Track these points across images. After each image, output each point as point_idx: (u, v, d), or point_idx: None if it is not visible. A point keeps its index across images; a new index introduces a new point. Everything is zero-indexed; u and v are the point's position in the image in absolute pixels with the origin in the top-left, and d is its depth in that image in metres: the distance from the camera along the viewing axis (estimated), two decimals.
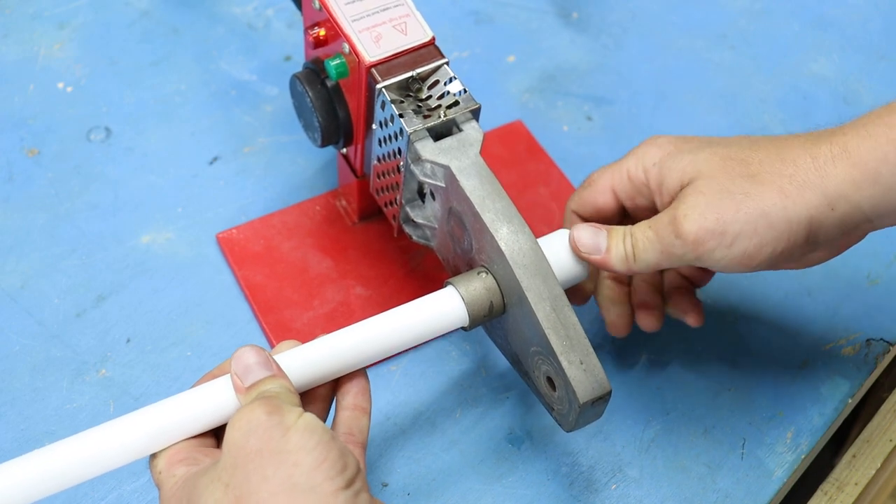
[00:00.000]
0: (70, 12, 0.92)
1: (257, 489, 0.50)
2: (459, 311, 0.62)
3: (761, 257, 0.60)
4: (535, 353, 0.61)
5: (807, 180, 0.59)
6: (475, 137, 0.64)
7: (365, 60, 0.65)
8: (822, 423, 0.72)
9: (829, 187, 0.58)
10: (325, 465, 0.51)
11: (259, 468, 0.51)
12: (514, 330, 0.63)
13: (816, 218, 0.59)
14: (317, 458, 0.51)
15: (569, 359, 0.59)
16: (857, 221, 0.60)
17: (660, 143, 0.65)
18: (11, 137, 0.83)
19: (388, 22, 0.66)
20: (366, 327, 0.60)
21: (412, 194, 0.68)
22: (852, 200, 0.58)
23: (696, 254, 0.60)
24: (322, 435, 0.52)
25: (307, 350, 0.59)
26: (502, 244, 0.60)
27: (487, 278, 0.62)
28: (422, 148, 0.64)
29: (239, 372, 0.56)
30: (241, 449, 0.51)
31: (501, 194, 0.62)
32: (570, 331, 0.59)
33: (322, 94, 0.70)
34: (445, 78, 0.66)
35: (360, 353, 0.60)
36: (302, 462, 0.50)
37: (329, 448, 0.51)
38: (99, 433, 0.56)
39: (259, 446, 0.51)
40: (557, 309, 0.59)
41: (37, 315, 0.74)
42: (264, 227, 0.79)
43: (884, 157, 0.57)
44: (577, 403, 0.58)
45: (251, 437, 0.51)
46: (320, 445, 0.51)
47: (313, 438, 0.51)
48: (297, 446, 0.51)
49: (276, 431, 0.51)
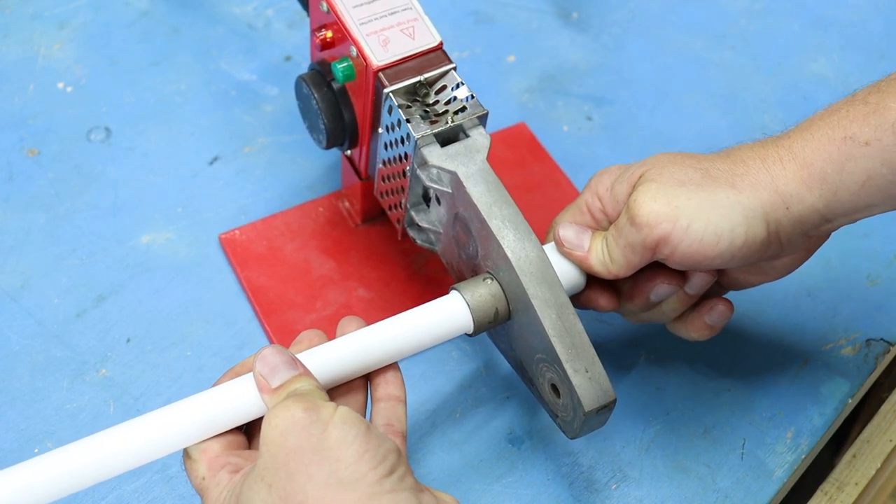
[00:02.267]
0: (70, 12, 0.92)
1: (303, 488, 0.51)
2: (464, 318, 0.62)
3: (720, 247, 0.59)
4: (539, 360, 0.61)
5: (757, 179, 0.59)
6: (482, 143, 0.64)
7: (373, 64, 0.65)
8: (822, 423, 0.72)
9: (780, 186, 0.59)
10: (366, 455, 0.51)
11: (302, 466, 0.51)
12: (519, 337, 0.62)
13: (773, 216, 0.59)
14: (358, 450, 0.51)
15: (574, 367, 0.58)
16: (816, 222, 0.60)
17: (610, 170, 0.66)
18: (11, 137, 0.83)
19: (397, 26, 0.66)
20: (371, 333, 0.60)
21: (417, 198, 0.68)
22: (806, 201, 0.59)
23: (652, 239, 0.60)
24: (359, 426, 0.52)
25: (323, 351, 0.59)
26: (508, 251, 0.60)
27: (493, 285, 0.62)
28: (428, 153, 0.64)
29: (265, 373, 0.56)
30: (281, 448, 0.52)
31: (508, 201, 0.62)
32: (575, 339, 0.59)
33: (328, 96, 0.69)
34: (453, 83, 0.66)
35: (365, 359, 0.60)
36: (344, 456, 0.51)
37: (368, 438, 0.52)
38: (126, 430, 0.56)
39: (299, 444, 0.51)
40: (563, 317, 0.59)
41: (37, 315, 0.74)
42: (267, 228, 0.79)
43: (828, 157, 0.58)
44: (581, 411, 0.58)
45: (290, 436, 0.52)
46: (359, 437, 0.52)
47: (352, 431, 0.52)
48: (337, 441, 0.51)
49: (315, 428, 0.52)
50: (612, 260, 0.63)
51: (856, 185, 0.58)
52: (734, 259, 0.60)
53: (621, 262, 0.62)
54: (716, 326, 0.67)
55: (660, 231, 0.60)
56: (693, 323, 0.67)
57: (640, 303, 0.67)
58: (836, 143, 0.58)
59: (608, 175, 0.66)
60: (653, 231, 0.60)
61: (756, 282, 0.66)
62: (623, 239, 0.62)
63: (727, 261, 0.60)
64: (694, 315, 0.67)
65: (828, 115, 0.59)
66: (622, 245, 0.62)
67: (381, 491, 0.51)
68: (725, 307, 0.67)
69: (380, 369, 0.61)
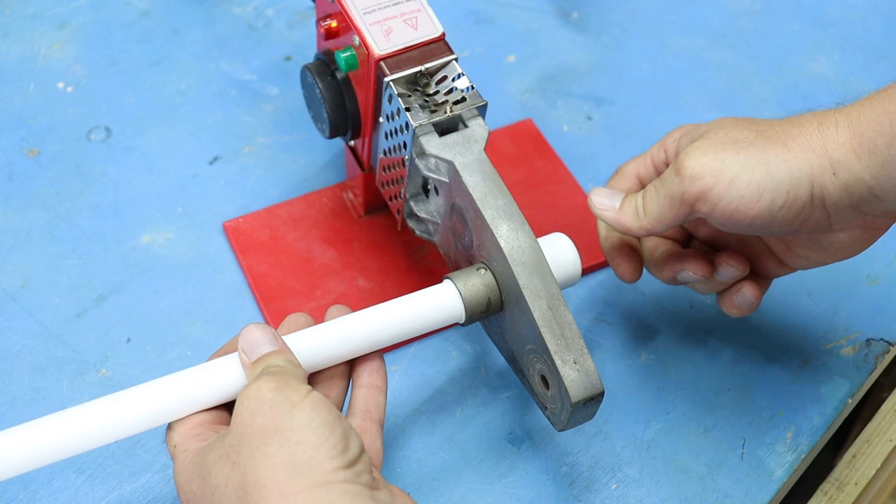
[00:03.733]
0: (70, 12, 0.92)
1: (260, 466, 0.51)
2: (456, 307, 0.62)
3: (761, 205, 0.59)
4: (530, 351, 0.61)
5: (809, 141, 0.59)
6: (480, 134, 0.64)
7: (374, 53, 0.65)
8: (822, 422, 0.72)
9: (831, 151, 0.58)
10: (326, 444, 0.51)
11: (263, 445, 0.51)
12: (511, 327, 0.63)
13: (819, 180, 0.58)
14: (321, 436, 0.51)
15: (563, 358, 0.58)
16: (864, 194, 0.59)
17: (683, 127, 0.67)
18: (12, 137, 0.84)
19: (400, 16, 0.67)
20: (359, 318, 0.61)
21: (417, 189, 0.68)
22: (853, 170, 0.58)
23: (693, 192, 0.60)
24: (328, 414, 0.52)
25: (307, 335, 0.60)
26: (502, 241, 0.60)
27: (486, 275, 0.62)
28: (426, 142, 0.64)
29: (245, 347, 0.57)
30: (248, 426, 0.52)
31: (503, 191, 0.62)
32: (565, 330, 0.59)
33: (332, 85, 0.70)
34: (454, 74, 0.66)
35: (351, 343, 0.60)
36: (305, 440, 0.51)
37: (333, 428, 0.52)
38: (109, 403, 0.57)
39: (264, 423, 0.52)
40: (553, 308, 0.59)
41: (37, 315, 0.74)
42: (270, 217, 0.79)
43: (880, 129, 0.57)
44: (569, 403, 0.58)
45: (258, 415, 0.52)
46: (325, 426, 0.52)
47: (318, 418, 0.52)
48: (301, 424, 0.51)
49: (283, 409, 0.52)
50: (647, 212, 0.63)
51: None
52: (774, 222, 0.60)
53: (655, 213, 0.63)
54: (743, 308, 0.68)
55: (702, 185, 0.59)
56: (724, 301, 0.68)
57: (666, 277, 0.68)
58: (890, 115, 0.57)
59: (679, 130, 0.66)
60: (695, 183, 0.60)
61: (818, 259, 0.65)
62: (665, 189, 0.62)
63: (766, 222, 0.60)
64: (726, 294, 0.68)
65: (892, 89, 0.58)
66: (662, 195, 0.62)
67: (335, 480, 0.51)
68: (751, 291, 0.67)
69: (363, 358, 0.61)
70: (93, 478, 0.67)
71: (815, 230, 0.62)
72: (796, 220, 0.60)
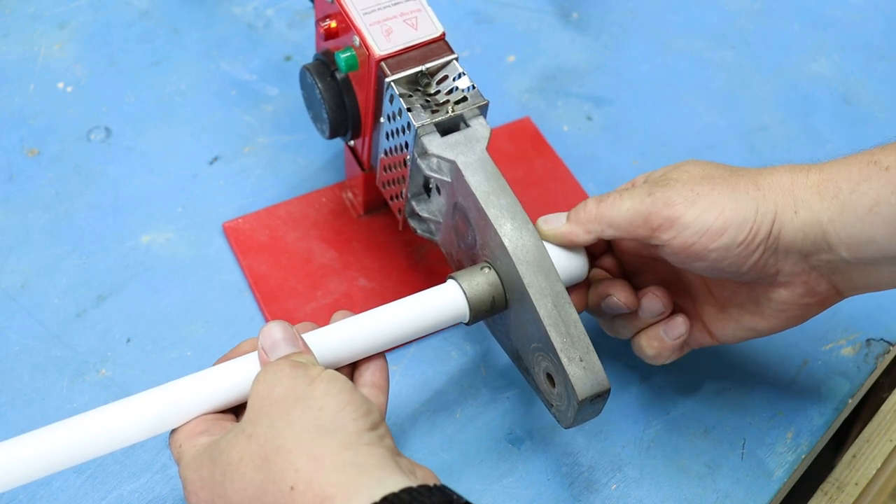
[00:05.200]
0: (70, 12, 0.92)
1: (282, 433, 0.51)
2: (461, 306, 0.62)
3: (723, 240, 0.59)
4: (535, 349, 0.61)
5: (779, 182, 0.60)
6: (482, 133, 0.64)
7: (375, 54, 0.65)
8: (822, 422, 0.72)
9: (797, 190, 0.60)
10: (349, 407, 0.52)
11: (284, 413, 0.52)
12: (516, 326, 0.63)
13: (780, 217, 0.60)
14: (341, 401, 0.52)
15: (569, 356, 0.59)
16: (817, 240, 0.60)
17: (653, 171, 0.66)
18: (12, 137, 0.83)
19: (400, 16, 0.67)
20: (366, 319, 0.61)
21: (418, 188, 0.68)
22: (814, 209, 0.59)
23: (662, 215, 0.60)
24: (345, 384, 0.53)
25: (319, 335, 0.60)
26: (506, 240, 0.61)
27: (490, 273, 0.62)
28: (428, 142, 0.64)
29: (266, 346, 0.57)
30: (266, 398, 0.53)
31: (506, 190, 0.62)
32: (570, 328, 0.59)
33: (331, 86, 0.70)
34: (454, 73, 0.66)
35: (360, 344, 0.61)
36: (327, 406, 0.52)
37: (353, 394, 0.53)
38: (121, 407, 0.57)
39: (284, 394, 0.53)
40: (559, 306, 0.60)
41: (37, 315, 0.74)
42: (270, 217, 0.79)
43: (848, 175, 0.59)
44: (575, 400, 0.58)
45: (276, 387, 0.53)
46: (344, 391, 0.53)
47: (336, 385, 0.53)
48: (321, 392, 0.53)
49: (302, 380, 0.53)
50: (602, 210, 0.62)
51: (864, 209, 0.58)
52: (727, 258, 0.60)
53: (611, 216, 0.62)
54: (667, 341, 0.66)
55: (672, 212, 0.60)
56: (647, 333, 0.67)
57: (592, 306, 0.67)
58: (860, 164, 0.59)
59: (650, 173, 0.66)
60: (666, 208, 0.60)
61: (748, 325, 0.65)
62: (632, 201, 0.61)
63: (720, 258, 0.60)
64: (652, 327, 0.67)
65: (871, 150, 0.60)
66: (626, 207, 0.61)
67: (360, 442, 0.51)
68: (683, 321, 0.66)
69: (366, 359, 0.62)
70: (93, 478, 0.67)
71: (761, 277, 0.62)
72: (748, 260, 0.61)
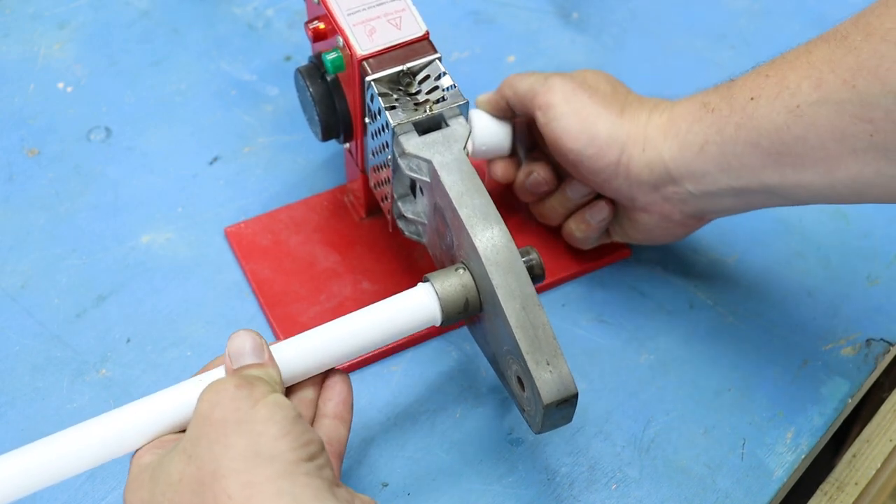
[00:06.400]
0: (70, 12, 0.92)
1: (219, 457, 0.50)
2: (430, 308, 0.61)
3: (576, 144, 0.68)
4: (506, 352, 0.60)
5: (638, 117, 0.68)
6: (461, 133, 0.64)
7: (357, 53, 0.65)
8: (822, 423, 0.72)
9: (649, 129, 0.67)
10: (289, 436, 0.51)
11: (223, 437, 0.50)
12: (490, 329, 0.62)
13: (629, 150, 0.67)
14: (282, 429, 0.51)
15: (535, 359, 0.58)
16: (662, 175, 0.67)
17: None
18: (12, 137, 0.84)
19: (384, 16, 0.67)
20: (334, 327, 0.60)
21: (405, 189, 0.68)
22: (658, 148, 0.66)
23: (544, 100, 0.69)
24: (288, 411, 0.52)
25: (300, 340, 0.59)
26: (476, 241, 0.60)
27: (465, 275, 0.62)
28: (406, 141, 0.64)
29: (232, 354, 0.56)
30: (207, 419, 0.51)
31: (481, 191, 0.62)
32: (538, 331, 0.58)
33: (321, 87, 0.70)
34: (436, 73, 0.66)
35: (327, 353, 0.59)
36: (266, 432, 0.51)
37: (294, 423, 0.52)
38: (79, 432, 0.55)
39: (224, 416, 0.51)
40: (528, 308, 0.59)
41: (37, 315, 0.74)
42: (272, 221, 0.79)
43: (685, 116, 0.66)
44: (541, 404, 0.58)
45: (217, 408, 0.51)
46: (286, 420, 0.51)
47: (279, 412, 0.51)
48: (263, 417, 0.51)
49: (244, 403, 0.51)
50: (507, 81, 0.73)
51: (696, 147, 0.65)
52: (582, 163, 0.69)
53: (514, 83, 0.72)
54: (591, 223, 0.73)
55: (550, 98, 0.69)
56: (575, 217, 0.74)
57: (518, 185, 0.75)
58: (695, 105, 0.66)
59: None
60: (548, 94, 0.69)
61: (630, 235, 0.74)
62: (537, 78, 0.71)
63: (576, 161, 0.69)
64: (580, 212, 0.74)
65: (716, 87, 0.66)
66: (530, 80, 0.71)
67: (297, 472, 0.50)
68: (607, 204, 0.73)
69: (332, 383, 0.60)
70: (93, 478, 0.67)
71: (619, 197, 0.70)
72: (601, 174, 0.69)
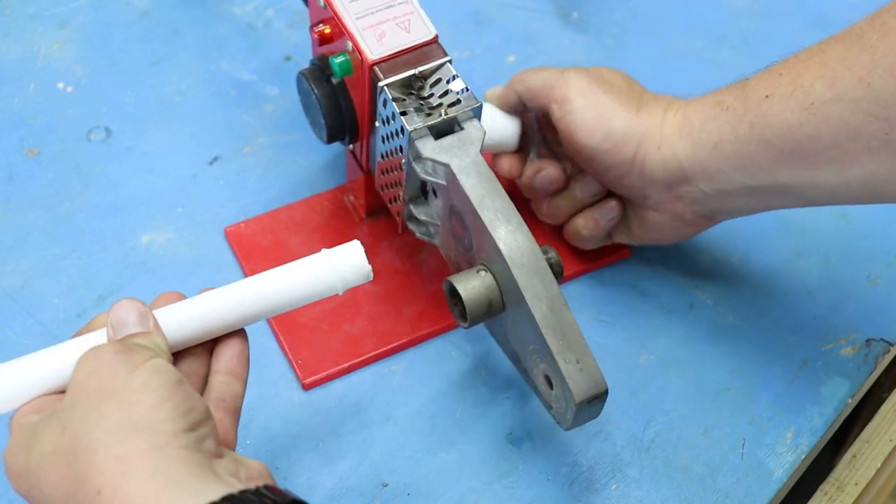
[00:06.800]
0: (70, 12, 0.92)
1: (93, 428, 0.47)
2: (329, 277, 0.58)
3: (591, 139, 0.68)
4: (533, 351, 0.61)
5: (654, 115, 0.68)
6: (476, 136, 0.64)
7: (367, 58, 0.65)
8: (822, 423, 0.72)
9: (665, 128, 0.67)
10: (167, 405, 0.48)
11: (97, 407, 0.48)
12: (513, 329, 0.63)
13: (644, 148, 0.67)
14: (159, 396, 0.48)
15: (565, 358, 0.59)
16: (676, 173, 0.67)
17: None
18: (12, 137, 0.84)
19: (392, 20, 0.67)
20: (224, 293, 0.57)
21: (415, 191, 0.68)
22: (673, 147, 0.67)
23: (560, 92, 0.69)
24: (169, 376, 0.49)
25: (188, 305, 0.56)
26: (500, 243, 0.60)
27: (487, 276, 0.62)
28: (422, 146, 0.64)
29: (114, 324, 0.53)
30: (83, 388, 0.49)
31: (500, 193, 0.62)
32: (566, 330, 0.59)
33: (327, 91, 0.70)
34: (448, 76, 0.66)
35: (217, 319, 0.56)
36: (142, 401, 0.48)
37: (174, 389, 0.49)
38: None
39: (100, 384, 0.49)
40: (554, 309, 0.60)
41: (37, 315, 0.74)
42: (272, 221, 0.79)
43: (699, 115, 0.66)
44: (573, 402, 0.58)
45: (93, 375, 0.49)
46: (165, 385, 0.49)
47: (158, 379, 0.49)
48: (139, 385, 0.48)
49: (121, 369, 0.49)
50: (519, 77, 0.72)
51: (710, 145, 0.65)
52: (596, 159, 0.68)
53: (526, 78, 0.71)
54: (600, 222, 0.73)
55: (566, 91, 0.69)
56: (584, 215, 0.74)
57: (525, 182, 0.74)
58: (709, 104, 0.66)
59: None
60: (565, 88, 0.69)
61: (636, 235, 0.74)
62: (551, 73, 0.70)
63: (590, 156, 0.68)
64: (587, 210, 0.74)
65: (729, 86, 0.66)
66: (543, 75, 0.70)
67: (173, 444, 0.47)
68: (617, 204, 0.73)
69: (225, 339, 0.57)
70: None
71: (631, 194, 0.70)
72: (615, 170, 0.69)
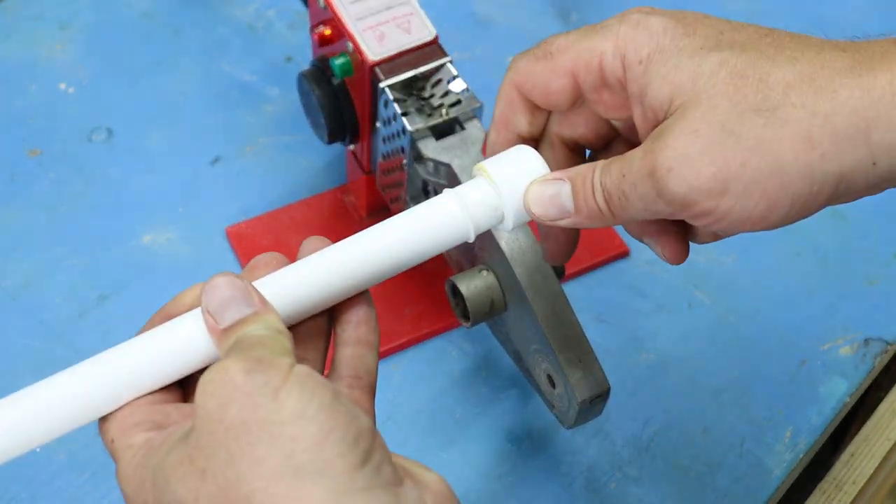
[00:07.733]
0: (72, 13, 0.92)
1: (248, 476, 0.39)
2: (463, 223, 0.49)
3: (771, 219, 0.44)
4: (535, 350, 0.61)
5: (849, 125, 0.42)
6: (477, 136, 0.65)
7: (368, 59, 0.65)
8: (820, 422, 0.72)
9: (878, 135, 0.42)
10: (332, 437, 0.39)
11: (247, 447, 0.39)
12: (516, 328, 0.63)
13: (849, 176, 0.43)
14: (321, 428, 0.39)
15: (567, 357, 0.59)
16: None
17: (652, 29, 0.47)
18: (13, 138, 0.84)
19: (392, 21, 0.67)
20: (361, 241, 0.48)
21: (417, 191, 0.68)
22: None
23: (686, 214, 0.45)
24: (323, 394, 0.40)
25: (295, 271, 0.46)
26: (502, 242, 0.61)
27: (488, 276, 0.63)
28: (423, 146, 0.64)
29: (213, 309, 0.44)
30: (219, 422, 0.39)
31: None
32: (569, 329, 0.59)
33: (328, 92, 0.70)
34: (448, 76, 0.66)
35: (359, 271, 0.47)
36: (302, 436, 0.39)
37: (333, 411, 0.39)
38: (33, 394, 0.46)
39: (242, 417, 0.39)
40: (557, 308, 0.60)
41: (39, 315, 0.74)
42: (273, 221, 0.80)
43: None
44: (576, 401, 0.59)
45: (231, 407, 0.39)
46: (323, 411, 0.39)
47: (313, 402, 0.39)
48: (292, 415, 0.39)
49: (263, 396, 0.39)
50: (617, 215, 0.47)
51: None
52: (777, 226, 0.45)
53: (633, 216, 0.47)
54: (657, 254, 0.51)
55: (699, 209, 0.44)
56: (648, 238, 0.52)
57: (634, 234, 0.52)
58: None
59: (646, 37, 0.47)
60: (688, 210, 0.45)
61: None
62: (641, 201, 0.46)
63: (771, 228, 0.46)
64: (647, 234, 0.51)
65: None
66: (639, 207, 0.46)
67: (353, 488, 0.39)
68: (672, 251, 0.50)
69: (349, 305, 0.47)
70: (95, 476, 0.67)
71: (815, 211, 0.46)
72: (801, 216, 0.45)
